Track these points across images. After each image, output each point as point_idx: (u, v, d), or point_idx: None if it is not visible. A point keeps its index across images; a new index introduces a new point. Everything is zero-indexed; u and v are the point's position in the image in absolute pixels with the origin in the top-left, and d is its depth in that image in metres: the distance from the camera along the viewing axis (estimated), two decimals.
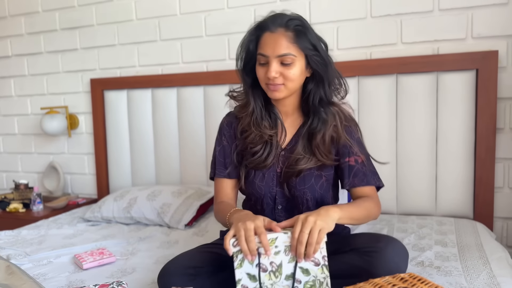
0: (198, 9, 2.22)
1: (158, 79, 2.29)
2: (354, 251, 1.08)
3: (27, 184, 2.46)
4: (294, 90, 1.18)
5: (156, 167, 2.35)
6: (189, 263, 1.10)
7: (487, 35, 1.80)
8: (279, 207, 1.25)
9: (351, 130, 1.23)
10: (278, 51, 1.11)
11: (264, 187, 1.24)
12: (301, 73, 1.15)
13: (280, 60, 1.12)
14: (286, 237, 0.98)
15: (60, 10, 2.51)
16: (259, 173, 1.24)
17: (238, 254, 0.98)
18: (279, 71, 1.13)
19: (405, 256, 1.09)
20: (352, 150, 1.21)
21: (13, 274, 1.15)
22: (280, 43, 1.11)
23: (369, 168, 1.24)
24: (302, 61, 1.14)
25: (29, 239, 1.77)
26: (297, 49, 1.12)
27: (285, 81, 1.14)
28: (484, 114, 1.77)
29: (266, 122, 1.22)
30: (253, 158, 1.23)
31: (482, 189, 1.80)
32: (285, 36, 1.12)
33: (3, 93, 2.73)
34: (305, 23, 1.15)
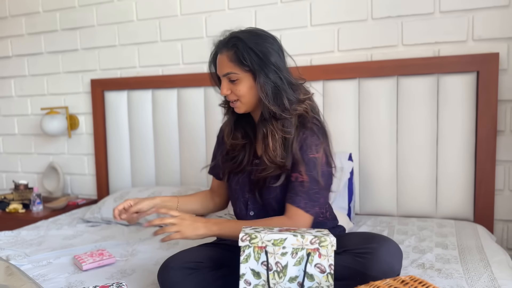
0: (198, 10, 2.22)
1: (158, 80, 2.29)
2: (347, 252, 1.09)
3: (26, 184, 2.46)
4: (251, 104, 1.21)
5: (156, 168, 2.35)
6: (190, 258, 1.13)
7: (488, 37, 1.80)
8: (251, 213, 1.28)
9: (307, 148, 1.17)
10: (222, 70, 1.19)
11: (238, 191, 1.30)
12: (250, 88, 1.18)
13: (228, 78, 1.19)
14: (295, 239, 0.98)
15: (60, 11, 2.51)
16: (235, 178, 1.31)
17: (245, 248, 0.99)
18: (229, 88, 1.19)
19: (399, 256, 1.09)
20: (298, 167, 1.17)
21: (13, 275, 1.15)
22: (222, 63, 1.18)
23: (307, 191, 1.15)
24: (248, 76, 1.17)
25: (28, 239, 1.77)
26: (237, 67, 1.16)
27: (238, 97, 1.20)
28: (485, 116, 1.77)
29: (238, 133, 1.30)
30: (230, 163, 1.31)
31: (482, 192, 1.80)
32: (226, 56, 1.17)
33: (3, 93, 2.73)
34: (244, 40, 1.14)
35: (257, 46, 1.15)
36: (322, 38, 2.02)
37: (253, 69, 1.15)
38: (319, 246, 0.98)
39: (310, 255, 0.98)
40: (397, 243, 1.11)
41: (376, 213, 1.97)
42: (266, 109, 1.17)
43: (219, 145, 1.42)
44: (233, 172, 1.32)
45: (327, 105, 1.99)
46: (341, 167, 1.87)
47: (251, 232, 1.00)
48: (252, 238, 0.98)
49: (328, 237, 0.98)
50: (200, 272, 1.11)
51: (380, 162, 1.93)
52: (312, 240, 0.98)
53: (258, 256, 0.99)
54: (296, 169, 1.17)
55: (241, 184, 1.29)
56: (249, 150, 1.29)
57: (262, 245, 0.99)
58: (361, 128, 1.96)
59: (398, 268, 1.07)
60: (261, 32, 1.20)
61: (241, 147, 1.30)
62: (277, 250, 0.99)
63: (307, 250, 0.98)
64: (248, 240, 0.98)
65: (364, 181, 1.97)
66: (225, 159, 1.35)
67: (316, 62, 2.04)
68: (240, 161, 1.29)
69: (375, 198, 1.96)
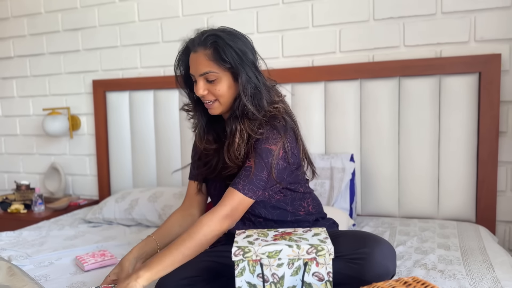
0: (200, 11, 2.22)
1: (160, 80, 2.29)
2: (340, 258, 1.05)
3: (28, 185, 2.46)
4: (229, 103, 1.19)
5: (158, 169, 2.35)
6: (185, 274, 1.08)
7: (490, 38, 1.79)
8: None
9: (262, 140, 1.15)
10: (199, 70, 1.14)
11: (216, 197, 1.27)
12: (229, 87, 1.16)
13: (205, 78, 1.15)
14: (291, 250, 0.96)
15: (62, 11, 2.51)
16: (212, 183, 1.29)
17: (239, 262, 0.97)
18: (206, 88, 1.16)
19: (393, 257, 1.07)
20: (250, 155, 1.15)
21: (15, 276, 1.15)
22: (200, 62, 1.14)
23: (249, 176, 1.13)
24: (227, 76, 1.15)
25: (30, 240, 1.77)
26: (216, 65, 1.13)
27: (216, 97, 1.17)
28: (487, 117, 1.77)
29: (210, 136, 1.26)
30: (203, 168, 1.29)
31: (484, 193, 1.80)
32: (204, 55, 1.14)
33: (5, 93, 2.74)
34: (222, 38, 1.13)
35: (236, 44, 1.14)
36: (324, 39, 2.02)
37: (235, 67, 1.13)
38: (316, 255, 0.95)
39: (307, 265, 0.96)
40: (389, 243, 1.09)
41: (378, 214, 1.97)
42: (241, 107, 1.15)
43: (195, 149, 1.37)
44: (209, 178, 1.28)
45: (328, 106, 1.99)
46: (343, 168, 1.87)
47: (244, 245, 0.96)
48: (246, 252, 0.95)
49: (326, 245, 0.95)
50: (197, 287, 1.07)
51: (382, 163, 1.93)
52: (308, 250, 0.95)
53: (253, 268, 0.96)
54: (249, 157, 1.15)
55: (219, 189, 1.26)
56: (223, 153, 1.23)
57: (257, 258, 0.95)
58: (363, 129, 1.95)
59: (392, 269, 1.06)
60: (234, 31, 1.18)
61: (214, 151, 1.26)
62: (272, 262, 0.96)
63: (304, 260, 0.96)
64: (241, 255, 0.95)
65: (365, 182, 1.97)
66: (197, 164, 1.32)
67: (318, 63, 2.04)
68: (214, 166, 1.25)
69: (376, 199, 1.96)
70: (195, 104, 1.26)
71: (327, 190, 1.84)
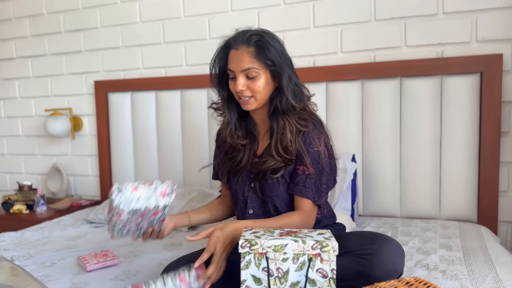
0: (202, 12, 2.22)
1: (162, 81, 2.29)
2: (349, 254, 1.08)
3: (30, 185, 2.47)
4: (264, 100, 1.23)
5: (160, 169, 2.35)
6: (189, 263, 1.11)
7: (492, 38, 1.79)
8: (250, 212, 1.28)
9: (311, 141, 1.21)
10: (241, 66, 1.18)
11: (238, 190, 1.31)
12: (267, 85, 1.20)
13: (245, 74, 1.19)
14: (296, 245, 0.97)
15: (64, 12, 2.52)
16: (235, 177, 1.32)
17: (245, 255, 0.98)
18: (246, 84, 1.19)
19: (401, 255, 1.09)
20: (303, 161, 1.20)
21: (18, 276, 1.15)
22: (243, 58, 1.18)
23: (314, 183, 1.21)
24: (266, 73, 1.20)
25: (32, 240, 1.77)
26: (258, 63, 1.18)
27: (253, 93, 1.20)
28: (489, 117, 1.76)
29: (240, 132, 1.30)
30: (229, 163, 1.33)
31: (486, 193, 1.79)
32: (247, 52, 1.18)
33: (7, 94, 2.74)
34: (265, 38, 1.19)
35: (276, 45, 1.20)
36: (325, 40, 2.02)
37: (277, 65, 1.18)
38: (320, 251, 0.96)
39: (311, 261, 0.97)
40: (398, 243, 1.11)
41: (379, 214, 1.97)
42: (284, 103, 1.20)
43: (219, 148, 1.42)
44: (232, 173, 1.32)
45: (330, 106, 1.99)
46: (345, 168, 1.87)
47: (251, 238, 0.99)
48: (252, 244, 0.97)
49: (330, 241, 0.97)
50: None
51: (384, 163, 1.93)
52: (313, 245, 0.96)
53: (259, 262, 0.98)
54: (302, 162, 1.20)
55: (240, 183, 1.30)
56: (250, 149, 1.30)
57: (263, 251, 0.98)
58: (364, 130, 1.95)
59: (400, 267, 1.07)
60: (272, 32, 1.24)
61: (240, 147, 1.31)
62: (278, 256, 0.98)
63: (308, 256, 0.97)
64: (248, 247, 0.97)
65: (367, 182, 1.97)
66: (223, 160, 1.36)
67: (319, 64, 2.04)
68: (239, 160, 1.30)
69: (378, 199, 1.96)
70: (226, 101, 1.30)
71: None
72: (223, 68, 1.26)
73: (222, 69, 1.26)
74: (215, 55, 1.27)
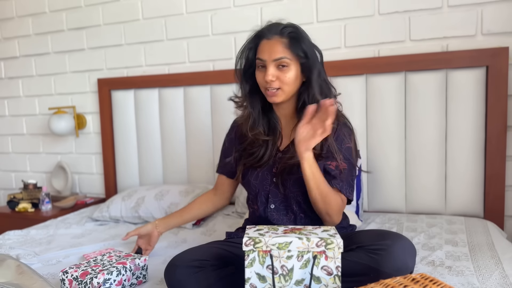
0: (204, 8, 2.21)
1: (165, 78, 2.29)
2: (360, 248, 1.08)
3: (35, 184, 2.48)
4: (291, 94, 1.23)
5: (164, 167, 2.36)
6: (195, 256, 1.13)
7: (497, 31, 1.77)
8: (271, 206, 1.28)
9: (342, 138, 1.24)
10: (274, 55, 1.18)
11: (258, 184, 1.30)
12: (296, 77, 1.21)
13: (276, 64, 1.19)
14: (300, 242, 0.97)
15: (67, 11, 2.51)
16: (254, 172, 1.31)
17: (249, 253, 0.98)
18: (276, 75, 1.19)
19: (413, 253, 1.08)
20: (336, 156, 1.21)
21: (24, 274, 1.16)
22: (276, 48, 1.18)
23: (347, 179, 1.23)
24: (297, 65, 1.21)
25: (38, 238, 1.78)
26: (291, 54, 1.19)
27: (282, 85, 1.20)
28: (495, 111, 1.75)
29: (261, 127, 1.29)
30: (249, 158, 1.31)
31: (492, 188, 1.78)
32: (280, 42, 1.19)
33: (11, 93, 2.75)
34: (299, 30, 1.22)
35: (308, 39, 1.23)
36: (329, 34, 2.01)
37: (310, 58, 1.19)
38: (325, 248, 0.96)
39: (316, 258, 0.97)
40: (410, 241, 1.10)
41: (384, 210, 1.96)
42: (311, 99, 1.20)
43: (231, 141, 1.40)
44: (252, 168, 1.31)
45: None
46: None
47: (255, 236, 0.98)
48: (256, 242, 0.97)
49: (335, 238, 0.96)
50: (205, 270, 1.11)
51: (388, 159, 1.92)
52: (318, 242, 0.96)
53: (263, 260, 0.98)
54: (334, 157, 1.21)
55: (261, 178, 1.29)
56: (272, 145, 1.29)
57: (267, 249, 0.97)
58: (369, 125, 1.94)
59: (412, 265, 1.07)
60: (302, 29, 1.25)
61: (262, 141, 1.29)
62: (282, 254, 0.97)
63: (313, 253, 0.97)
64: (252, 245, 0.97)
65: (372, 178, 1.96)
66: (241, 155, 1.34)
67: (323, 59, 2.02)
68: (261, 155, 1.28)
69: (383, 195, 1.95)
70: (249, 94, 1.29)
71: None
72: (251, 59, 1.25)
73: (250, 60, 1.25)
74: (244, 45, 1.26)
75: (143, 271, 1.28)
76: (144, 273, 1.28)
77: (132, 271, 1.24)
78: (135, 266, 1.24)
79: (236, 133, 1.38)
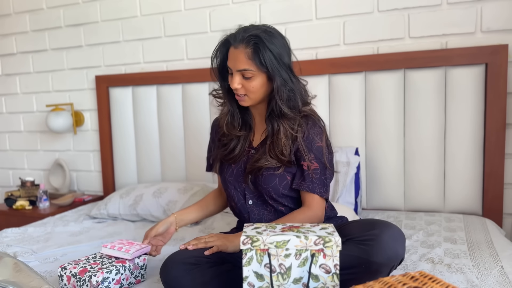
0: (202, 5, 2.20)
1: (163, 75, 2.28)
2: (350, 241, 1.09)
3: (33, 181, 2.47)
4: (258, 99, 1.25)
5: (162, 164, 2.35)
6: (190, 253, 1.13)
7: (497, 28, 1.77)
8: (249, 202, 1.31)
9: (312, 137, 1.24)
10: (238, 66, 1.20)
11: (233, 181, 1.32)
12: (261, 86, 1.22)
13: (241, 74, 1.21)
14: (298, 241, 0.96)
15: (64, 7, 2.50)
16: (229, 168, 1.33)
17: (247, 251, 0.97)
18: (241, 83, 1.21)
19: (402, 240, 1.08)
20: (307, 155, 1.23)
21: (21, 271, 1.15)
22: (240, 59, 1.19)
23: (320, 177, 1.24)
24: (262, 75, 1.21)
25: (35, 236, 1.77)
26: (254, 65, 1.19)
27: (247, 92, 1.22)
28: (494, 109, 1.74)
29: (236, 123, 1.32)
30: (221, 149, 1.36)
31: (491, 186, 1.78)
32: (244, 53, 1.19)
33: (9, 90, 2.74)
34: (264, 40, 1.17)
35: (274, 48, 1.19)
36: (328, 32, 2.00)
37: (271, 71, 1.19)
38: (323, 246, 0.95)
39: (314, 256, 0.96)
40: (399, 228, 1.10)
41: (383, 207, 1.95)
42: (278, 108, 1.22)
43: (213, 140, 1.44)
44: (225, 162, 1.34)
45: (333, 99, 1.97)
46: (348, 162, 1.86)
47: (253, 234, 0.98)
48: (254, 241, 0.96)
49: (333, 236, 0.96)
50: (201, 268, 1.10)
51: (387, 156, 1.91)
52: (316, 241, 0.95)
53: (261, 258, 0.97)
54: (305, 158, 1.23)
55: (236, 175, 1.32)
56: (244, 139, 1.32)
57: (265, 248, 0.97)
58: (368, 122, 1.94)
59: (402, 252, 1.07)
60: (275, 31, 1.23)
61: (235, 137, 1.33)
62: (280, 252, 0.97)
63: (311, 251, 0.96)
64: (249, 243, 0.97)
65: (371, 176, 1.96)
66: (216, 145, 1.39)
67: (322, 56, 2.02)
68: (232, 148, 1.32)
69: (382, 192, 1.94)
70: (226, 92, 1.32)
71: (332, 185, 1.83)
72: (223, 61, 1.28)
73: (223, 63, 1.28)
74: (216, 48, 1.29)
75: (142, 270, 1.27)
76: (142, 273, 1.28)
77: (131, 271, 1.23)
78: (134, 266, 1.24)
79: (217, 132, 1.41)
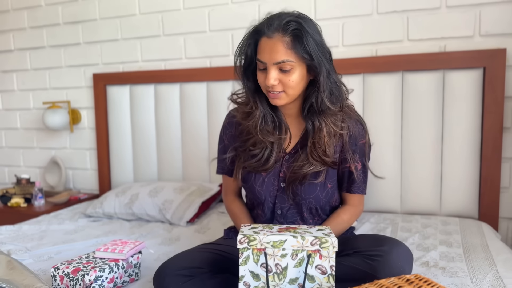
0: (201, 4, 2.19)
1: (161, 74, 2.27)
2: (357, 254, 1.07)
3: (28, 179, 2.46)
4: (295, 96, 1.12)
5: (158, 163, 2.34)
6: (184, 264, 1.07)
7: (495, 32, 1.77)
8: (278, 212, 1.23)
9: (356, 136, 1.18)
10: (275, 58, 1.05)
11: (264, 192, 1.21)
12: (301, 79, 1.09)
13: (279, 67, 1.06)
14: (295, 241, 0.96)
15: (62, 4, 2.49)
16: (259, 178, 1.21)
17: (243, 251, 0.97)
18: (278, 78, 1.07)
19: (410, 259, 1.07)
20: (353, 156, 1.18)
21: (14, 269, 1.14)
22: (277, 49, 1.04)
23: (364, 176, 1.24)
24: (302, 66, 1.08)
25: (30, 234, 1.76)
26: (295, 55, 1.05)
27: (285, 88, 1.08)
28: (491, 113, 1.74)
29: (269, 127, 1.17)
30: (252, 161, 1.20)
31: (487, 189, 1.78)
32: (282, 42, 1.04)
33: (6, 87, 2.72)
34: (304, 26, 1.05)
35: (315, 35, 1.07)
36: (326, 33, 1.96)
37: (316, 59, 1.05)
38: (320, 247, 0.95)
39: (310, 257, 0.96)
40: (408, 247, 1.09)
41: (379, 210, 1.95)
42: (320, 103, 1.10)
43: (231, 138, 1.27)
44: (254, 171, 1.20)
45: None
46: None
47: (250, 233, 0.97)
48: (251, 240, 0.96)
49: (329, 237, 0.96)
50: (197, 279, 1.05)
51: (384, 159, 1.91)
52: (312, 241, 0.95)
53: (257, 258, 0.97)
54: (350, 159, 1.18)
55: (267, 184, 1.20)
56: (278, 146, 1.18)
57: (261, 247, 0.96)
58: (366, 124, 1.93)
59: (408, 271, 1.05)
60: (311, 18, 1.10)
61: (268, 143, 1.18)
62: (276, 252, 0.97)
63: (307, 252, 0.96)
64: (246, 242, 0.96)
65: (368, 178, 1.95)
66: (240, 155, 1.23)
67: None
68: (266, 159, 1.18)
69: (378, 195, 1.94)
70: (254, 93, 1.16)
71: None
72: (250, 56, 1.12)
73: (250, 58, 1.12)
74: (242, 42, 1.12)
75: (136, 268, 1.26)
76: (136, 271, 1.27)
77: (125, 269, 1.22)
78: (127, 264, 1.23)
79: (236, 129, 1.25)
